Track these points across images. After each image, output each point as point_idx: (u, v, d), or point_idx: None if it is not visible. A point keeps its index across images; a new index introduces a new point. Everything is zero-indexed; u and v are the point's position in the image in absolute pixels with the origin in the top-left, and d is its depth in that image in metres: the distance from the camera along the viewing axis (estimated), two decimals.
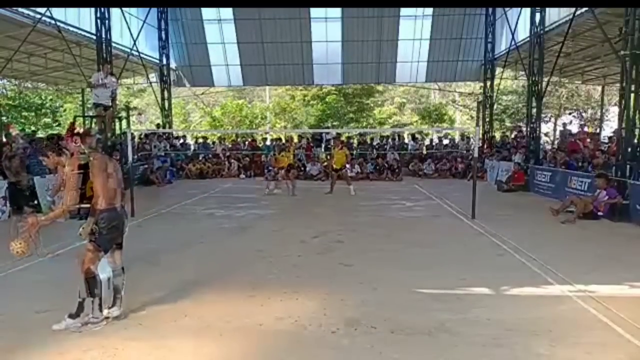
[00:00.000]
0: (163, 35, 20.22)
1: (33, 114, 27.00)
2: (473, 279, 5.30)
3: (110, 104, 10.48)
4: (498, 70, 20.03)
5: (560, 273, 5.48)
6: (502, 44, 19.34)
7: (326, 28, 20.79)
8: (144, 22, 17.71)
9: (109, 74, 9.89)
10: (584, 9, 12.11)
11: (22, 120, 26.04)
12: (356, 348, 3.67)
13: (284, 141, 14.04)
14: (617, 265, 5.96)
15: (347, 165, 17.45)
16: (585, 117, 30.25)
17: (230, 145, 20.61)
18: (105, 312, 4.10)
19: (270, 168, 13.69)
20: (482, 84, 21.11)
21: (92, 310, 4.04)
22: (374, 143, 20.33)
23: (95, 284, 4.02)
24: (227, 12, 20.41)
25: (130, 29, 16.52)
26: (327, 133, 20.96)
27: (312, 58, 21.50)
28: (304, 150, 19.23)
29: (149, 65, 19.59)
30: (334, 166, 13.27)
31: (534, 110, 14.68)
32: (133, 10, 17.87)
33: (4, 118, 22.53)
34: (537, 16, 14.27)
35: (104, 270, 4.09)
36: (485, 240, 7.42)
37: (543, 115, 22.05)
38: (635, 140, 9.54)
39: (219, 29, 20.94)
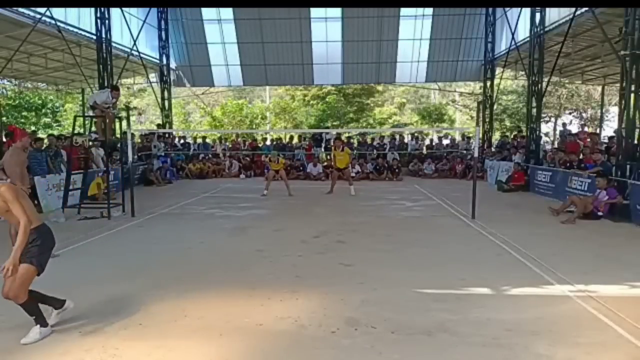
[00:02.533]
0: (163, 35, 20.25)
1: (33, 114, 26.99)
2: (473, 279, 5.31)
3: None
4: (498, 70, 20.04)
5: (560, 273, 5.49)
6: (502, 44, 19.35)
7: (326, 28, 20.81)
8: (144, 22, 17.73)
9: (115, 97, 9.84)
10: (584, 9, 12.12)
11: (22, 121, 26.01)
12: (356, 348, 3.67)
13: (273, 154, 13.83)
14: (617, 265, 5.96)
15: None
16: (585, 117, 30.26)
17: (230, 145, 20.62)
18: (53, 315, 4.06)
19: (269, 168, 13.72)
20: (482, 84, 21.12)
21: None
22: (374, 143, 20.32)
23: (33, 304, 3.84)
24: (227, 12, 20.44)
25: (130, 29, 16.52)
26: (327, 133, 20.98)
27: (312, 58, 21.52)
28: (304, 150, 19.23)
29: (149, 65, 19.61)
30: (337, 165, 13.20)
31: (534, 111, 14.67)
32: (133, 10, 17.90)
33: (4, 118, 22.55)
34: (537, 16, 14.28)
35: None
36: (485, 240, 7.42)
37: (543, 115, 22.03)
38: (635, 141, 9.54)
39: (219, 29, 20.96)
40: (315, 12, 20.27)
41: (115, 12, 15.59)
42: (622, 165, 9.67)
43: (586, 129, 23.52)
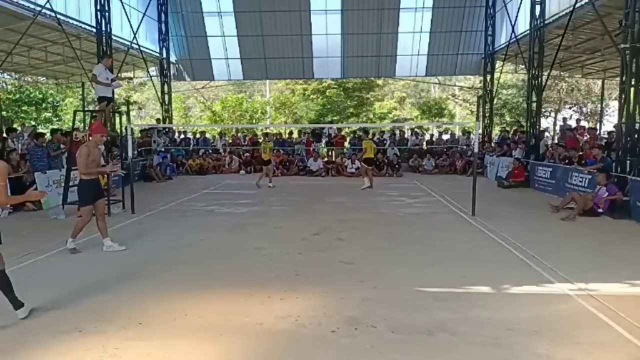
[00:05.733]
0: (163, 28, 20.12)
1: (33, 108, 26.88)
2: (473, 277, 5.31)
3: (111, 96, 10.49)
4: (498, 63, 19.94)
5: (561, 271, 5.49)
6: (502, 37, 19.24)
7: (326, 20, 20.70)
8: (144, 14, 17.60)
9: (106, 65, 9.76)
10: (584, 1, 12.02)
11: (22, 115, 25.92)
12: (356, 348, 3.68)
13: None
14: (617, 263, 5.95)
15: (347, 160, 17.59)
16: (585, 112, 30.18)
17: (230, 141, 20.57)
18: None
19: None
20: (482, 78, 21.03)
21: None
22: (374, 138, 20.25)
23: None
24: (227, 5, 20.34)
25: (130, 22, 16.43)
26: (330, 128, 20.94)
27: (312, 51, 21.42)
28: (304, 145, 19.19)
29: (149, 59, 19.52)
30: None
31: (534, 105, 14.59)
32: (133, 2, 17.79)
33: (4, 112, 22.49)
34: (537, 8, 14.18)
35: None
36: (486, 237, 7.42)
37: (543, 110, 21.94)
38: (636, 135, 9.48)
39: (219, 21, 20.85)
40: (315, 4, 20.15)
41: (115, 4, 15.49)
42: (622, 161, 9.63)
43: (583, 123, 23.37)
